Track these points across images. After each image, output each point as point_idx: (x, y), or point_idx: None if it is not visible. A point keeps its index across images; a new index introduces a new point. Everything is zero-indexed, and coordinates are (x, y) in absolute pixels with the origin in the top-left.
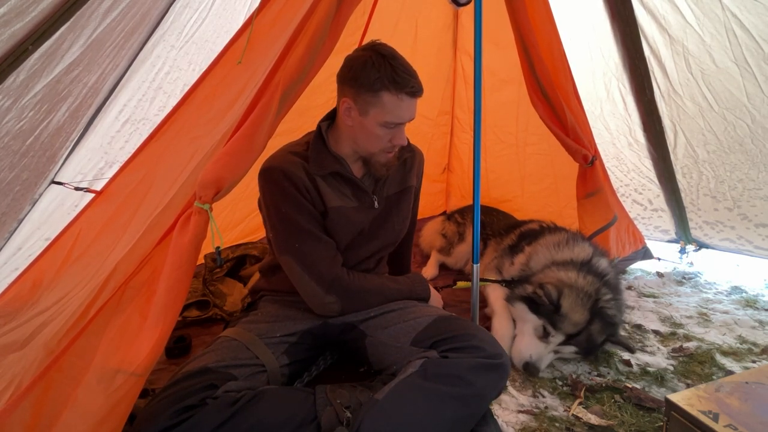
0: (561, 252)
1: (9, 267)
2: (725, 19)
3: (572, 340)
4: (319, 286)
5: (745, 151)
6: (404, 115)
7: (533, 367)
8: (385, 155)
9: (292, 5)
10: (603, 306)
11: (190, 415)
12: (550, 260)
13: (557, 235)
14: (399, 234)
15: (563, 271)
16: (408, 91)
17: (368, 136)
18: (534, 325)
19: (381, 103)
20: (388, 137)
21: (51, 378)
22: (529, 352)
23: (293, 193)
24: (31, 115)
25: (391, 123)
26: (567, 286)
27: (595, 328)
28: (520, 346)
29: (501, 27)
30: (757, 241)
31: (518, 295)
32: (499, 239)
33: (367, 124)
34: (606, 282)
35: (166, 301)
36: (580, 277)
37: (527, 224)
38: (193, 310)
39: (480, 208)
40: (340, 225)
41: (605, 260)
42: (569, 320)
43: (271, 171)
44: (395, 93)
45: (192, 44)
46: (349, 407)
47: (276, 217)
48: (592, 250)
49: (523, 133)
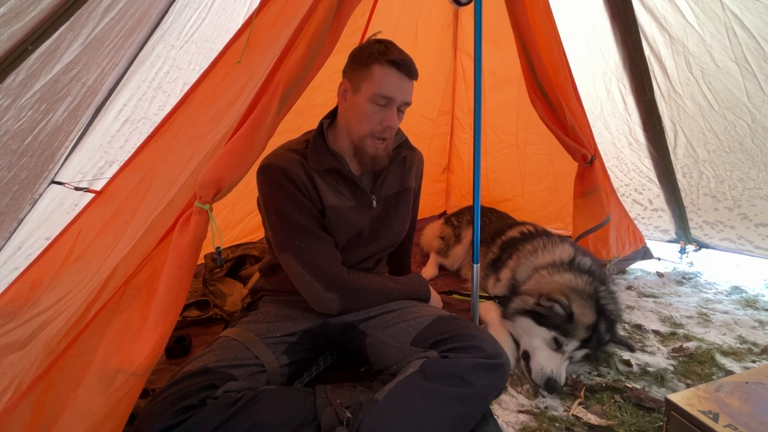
0: (543, 256)
1: (9, 267)
2: (725, 19)
3: (586, 345)
4: (320, 283)
5: (745, 150)
6: (394, 90)
7: (555, 382)
8: (374, 143)
9: (292, 5)
10: (604, 303)
11: (190, 415)
12: (533, 267)
13: (536, 240)
14: (399, 235)
15: (557, 274)
16: (398, 65)
17: (359, 116)
18: (544, 338)
19: (371, 76)
20: (378, 117)
21: (51, 378)
22: (551, 368)
23: (292, 191)
24: (29, 115)
25: (380, 96)
26: (571, 291)
27: (602, 326)
28: (539, 364)
29: (501, 27)
30: (757, 241)
31: (519, 309)
32: (485, 249)
33: (358, 102)
34: (598, 278)
35: (167, 301)
36: (576, 277)
37: (507, 232)
38: (193, 310)
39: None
40: (338, 224)
41: (588, 258)
42: (582, 325)
43: (270, 168)
44: (386, 65)
45: (192, 44)
46: (349, 407)
47: (275, 215)
48: (573, 250)
49: (523, 132)
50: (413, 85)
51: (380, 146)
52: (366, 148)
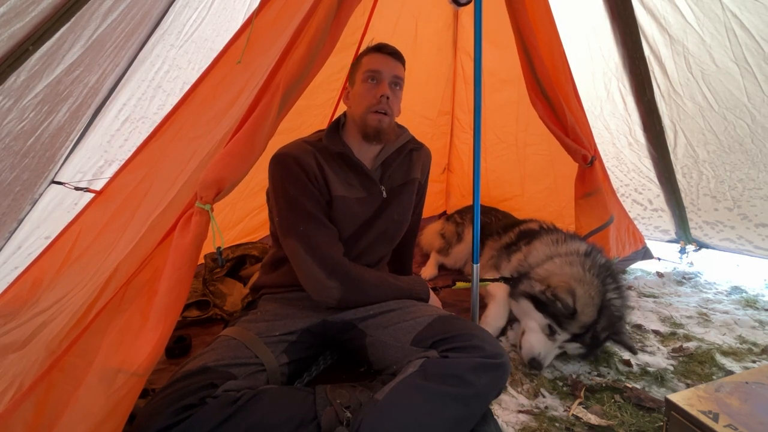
0: (559, 247)
1: (9, 266)
2: (725, 19)
3: (578, 339)
4: (322, 269)
5: (745, 150)
6: (380, 65)
7: (538, 363)
8: (375, 117)
9: (292, 5)
10: (610, 298)
11: (189, 415)
12: (548, 255)
13: (555, 234)
14: (398, 226)
15: (567, 265)
16: (380, 48)
17: (358, 99)
18: (540, 323)
19: (361, 64)
20: (373, 92)
21: (52, 378)
22: (539, 350)
23: (302, 177)
24: (32, 116)
25: (369, 72)
26: (578, 284)
27: (601, 325)
28: (530, 342)
29: (501, 27)
30: (757, 241)
31: (523, 292)
32: (497, 238)
33: (355, 89)
34: (610, 273)
35: (168, 301)
36: (586, 269)
37: (527, 223)
38: (193, 310)
39: (480, 208)
40: (344, 215)
41: (602, 255)
42: (579, 323)
43: (283, 156)
44: (371, 52)
45: (191, 43)
46: (349, 407)
47: (283, 200)
48: (589, 246)
49: (523, 133)
50: (402, 67)
51: (383, 119)
52: (369, 122)
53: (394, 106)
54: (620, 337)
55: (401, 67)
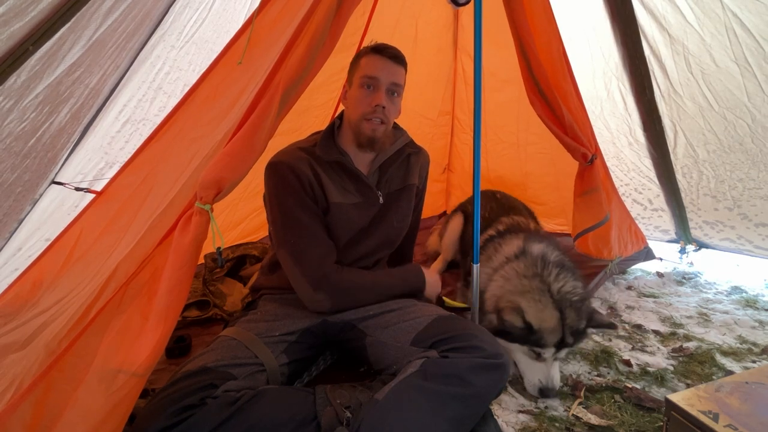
0: (494, 261)
1: (9, 267)
2: (725, 19)
3: (563, 344)
4: (309, 283)
5: (745, 150)
6: (377, 70)
7: (548, 390)
8: (370, 125)
9: (292, 6)
10: (560, 289)
11: (189, 415)
12: (488, 275)
13: (492, 244)
14: (398, 232)
15: (503, 280)
16: (380, 50)
17: (354, 104)
18: (523, 351)
19: (360, 66)
20: (368, 99)
21: (52, 378)
22: (538, 378)
23: (297, 188)
24: (33, 117)
25: (367, 77)
26: (520, 297)
27: (571, 317)
28: (527, 376)
29: (501, 27)
30: (757, 241)
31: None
32: (464, 259)
33: (352, 92)
34: (548, 262)
35: (168, 301)
36: (523, 277)
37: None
38: (193, 310)
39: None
40: (341, 221)
41: (536, 244)
42: (546, 332)
43: (278, 165)
44: (370, 54)
45: (192, 44)
46: (349, 407)
47: (277, 210)
48: (521, 242)
49: (523, 133)
50: (402, 71)
51: (378, 128)
52: (363, 130)
53: (391, 114)
54: (594, 321)
55: (401, 72)
